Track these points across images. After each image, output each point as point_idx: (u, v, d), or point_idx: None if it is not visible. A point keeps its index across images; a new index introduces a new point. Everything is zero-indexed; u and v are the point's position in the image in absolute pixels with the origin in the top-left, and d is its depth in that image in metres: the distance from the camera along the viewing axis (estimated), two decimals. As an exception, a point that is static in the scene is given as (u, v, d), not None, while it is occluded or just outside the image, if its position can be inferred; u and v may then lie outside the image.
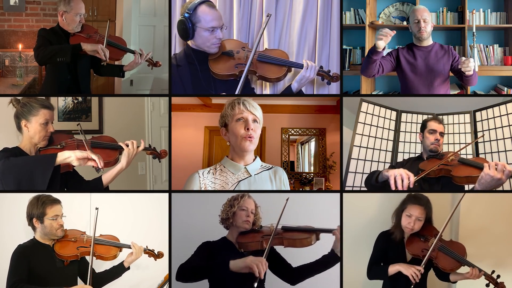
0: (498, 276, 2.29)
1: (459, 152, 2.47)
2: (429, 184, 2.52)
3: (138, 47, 2.96)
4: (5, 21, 3.66)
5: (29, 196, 2.36)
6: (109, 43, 2.86)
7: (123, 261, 2.44)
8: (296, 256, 2.35)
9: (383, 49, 2.83)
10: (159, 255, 2.51)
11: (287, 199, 2.21)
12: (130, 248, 2.42)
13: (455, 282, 2.45)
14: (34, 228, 2.35)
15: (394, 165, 2.88)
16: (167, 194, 2.69)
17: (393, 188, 2.16)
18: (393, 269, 2.39)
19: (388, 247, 2.52)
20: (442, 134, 2.62)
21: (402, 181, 2.14)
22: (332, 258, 2.23)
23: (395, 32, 2.78)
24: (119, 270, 2.44)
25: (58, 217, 2.34)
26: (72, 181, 2.42)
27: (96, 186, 2.40)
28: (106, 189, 2.43)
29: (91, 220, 2.67)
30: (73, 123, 3.30)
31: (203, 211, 2.74)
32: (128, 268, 2.45)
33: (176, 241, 2.66)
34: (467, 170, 2.29)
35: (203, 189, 2.11)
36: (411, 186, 2.16)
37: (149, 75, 3.72)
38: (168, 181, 2.79)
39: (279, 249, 2.34)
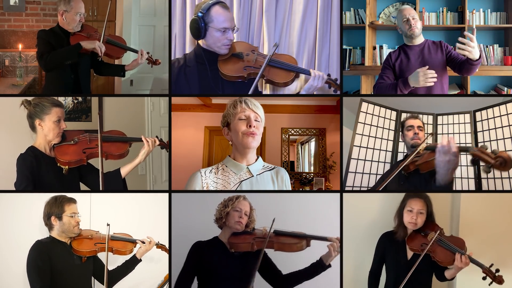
0: (498, 270, 2.24)
1: (426, 141, 2.46)
2: (411, 180, 2.48)
3: (138, 47, 2.96)
4: (5, 21, 3.66)
5: (42, 196, 2.41)
6: (109, 42, 2.87)
7: (135, 253, 2.49)
8: (287, 262, 2.36)
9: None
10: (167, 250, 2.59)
11: (273, 220, 2.22)
12: (144, 243, 2.48)
13: (452, 279, 2.42)
14: (51, 227, 2.39)
15: (378, 180, 2.85)
16: (167, 194, 2.69)
17: None
18: None
19: (388, 248, 2.52)
20: (420, 127, 2.61)
21: None
22: (319, 267, 2.25)
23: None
24: (133, 262, 2.50)
25: (75, 215, 2.40)
26: (89, 175, 2.50)
27: (115, 177, 2.48)
28: (103, 190, 2.45)
29: (91, 219, 2.67)
30: (73, 123, 3.30)
31: (204, 211, 2.74)
32: (140, 260, 2.50)
33: (176, 241, 2.66)
34: (427, 156, 2.30)
35: (205, 188, 2.11)
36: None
37: (149, 75, 3.72)
38: (168, 181, 2.79)
39: (270, 254, 2.35)
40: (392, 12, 3.93)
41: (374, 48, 3.84)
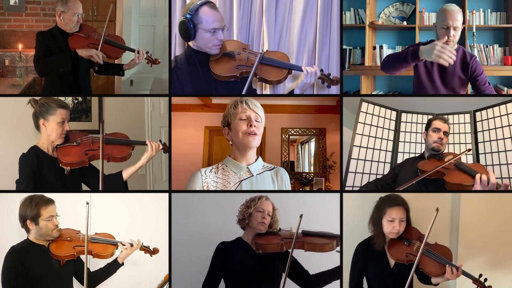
0: (485, 280, 2.21)
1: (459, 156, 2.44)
2: (424, 185, 2.48)
3: (137, 47, 2.96)
4: (5, 21, 3.67)
5: (22, 196, 2.32)
6: (108, 42, 2.86)
7: (117, 257, 2.41)
8: (313, 263, 2.35)
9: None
10: (154, 251, 2.47)
11: (300, 216, 2.20)
12: (125, 246, 2.38)
13: (437, 285, 2.35)
14: (28, 230, 2.30)
15: (394, 167, 2.86)
16: (167, 194, 2.69)
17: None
18: None
19: (368, 258, 2.41)
20: (446, 133, 2.58)
21: None
22: None
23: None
24: (114, 266, 2.41)
25: (53, 218, 2.29)
26: (91, 177, 2.50)
27: (116, 179, 2.49)
28: (103, 190, 2.45)
29: (91, 219, 2.66)
30: (74, 123, 3.29)
31: (204, 211, 2.74)
32: (123, 264, 2.41)
33: (176, 241, 2.66)
34: (460, 177, 2.27)
35: (205, 188, 2.11)
36: None
37: (149, 75, 3.72)
38: (168, 181, 2.79)
39: (297, 255, 2.33)
40: (392, 12, 3.93)
41: (374, 48, 3.84)
